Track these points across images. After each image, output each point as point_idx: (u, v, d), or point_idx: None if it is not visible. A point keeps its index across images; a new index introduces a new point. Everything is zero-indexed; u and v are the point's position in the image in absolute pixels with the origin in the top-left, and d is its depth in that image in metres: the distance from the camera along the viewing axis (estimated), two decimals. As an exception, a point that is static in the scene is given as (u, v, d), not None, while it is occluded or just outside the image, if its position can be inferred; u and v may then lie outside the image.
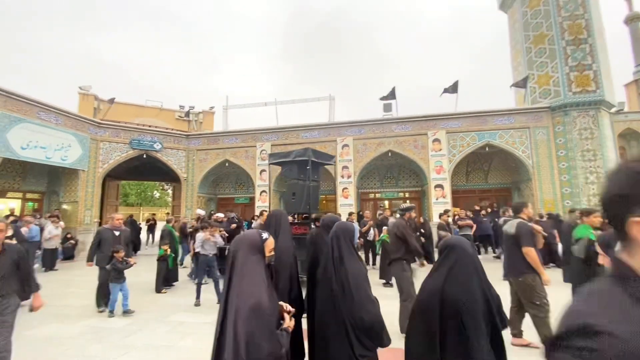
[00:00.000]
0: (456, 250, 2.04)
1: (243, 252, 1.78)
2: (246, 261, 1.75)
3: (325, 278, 2.38)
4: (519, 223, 4.07)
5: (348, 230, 2.47)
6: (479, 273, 2.00)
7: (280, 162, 8.55)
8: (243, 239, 1.88)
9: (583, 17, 13.54)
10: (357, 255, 2.44)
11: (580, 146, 12.81)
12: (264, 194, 15.34)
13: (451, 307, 1.88)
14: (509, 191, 15.67)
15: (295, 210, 7.67)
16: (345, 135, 15.28)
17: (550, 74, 13.69)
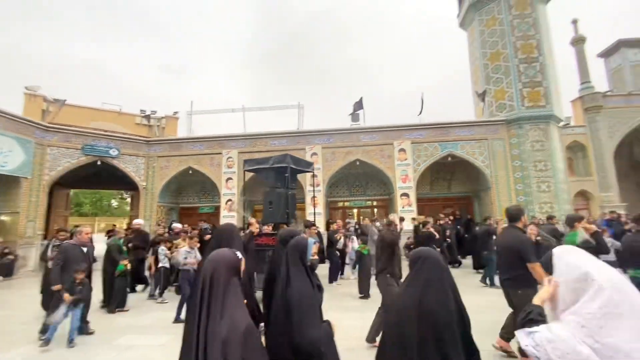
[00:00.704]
0: (430, 261, 2.00)
1: (223, 274, 1.61)
2: (228, 283, 1.60)
3: (276, 298, 2.24)
4: (522, 237, 3.85)
5: (298, 246, 2.34)
6: (452, 285, 1.98)
7: (257, 168, 8.14)
8: (221, 258, 1.68)
9: (534, 37, 14.62)
10: (307, 274, 2.29)
11: (533, 157, 13.68)
12: (230, 203, 14.81)
13: (429, 319, 1.84)
14: (470, 199, 16.37)
15: (273, 220, 7.33)
16: (314, 143, 15.23)
17: (506, 89, 14.59)
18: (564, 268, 1.36)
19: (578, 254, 1.39)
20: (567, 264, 1.36)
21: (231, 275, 1.63)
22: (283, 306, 2.12)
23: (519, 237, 3.83)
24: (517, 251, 3.73)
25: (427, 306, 1.85)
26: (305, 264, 2.32)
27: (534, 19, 14.72)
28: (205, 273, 1.63)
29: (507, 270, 3.91)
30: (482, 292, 7.66)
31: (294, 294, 2.11)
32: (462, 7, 17.09)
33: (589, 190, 16.92)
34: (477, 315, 5.32)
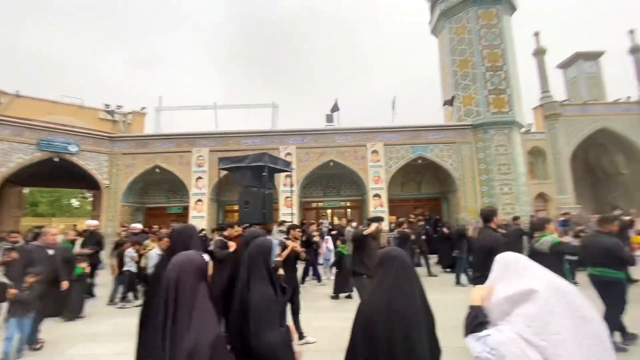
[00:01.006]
0: (398, 261, 1.98)
1: (189, 279, 1.47)
2: (195, 289, 1.46)
3: (235, 300, 2.17)
4: (495, 236, 3.97)
5: (262, 248, 2.26)
6: (419, 285, 1.98)
7: (233, 167, 7.83)
8: (187, 262, 1.54)
9: (500, 47, 15.35)
10: (269, 277, 2.22)
11: (497, 161, 14.35)
12: (199, 203, 14.35)
13: (397, 319, 1.82)
14: (439, 201, 16.91)
15: (249, 220, 7.12)
16: (288, 143, 15.11)
17: (473, 95, 15.22)
18: (506, 274, 1.38)
19: (519, 260, 1.42)
20: (509, 270, 1.38)
21: (198, 280, 1.50)
22: (241, 309, 2.05)
23: (492, 236, 3.95)
24: (489, 250, 3.78)
25: (396, 307, 1.85)
26: (268, 267, 2.25)
27: (499, 29, 15.46)
28: (170, 279, 1.48)
29: (480, 269, 3.95)
30: (451, 290, 7.84)
31: (253, 297, 2.04)
32: (434, 15, 17.63)
33: (547, 192, 18.02)
34: (444, 314, 5.51)
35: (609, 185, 20.97)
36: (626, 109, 19.17)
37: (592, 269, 4.30)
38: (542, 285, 1.24)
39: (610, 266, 4.11)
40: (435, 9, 17.22)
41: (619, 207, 19.64)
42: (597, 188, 21.77)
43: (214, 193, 15.03)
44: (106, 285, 7.70)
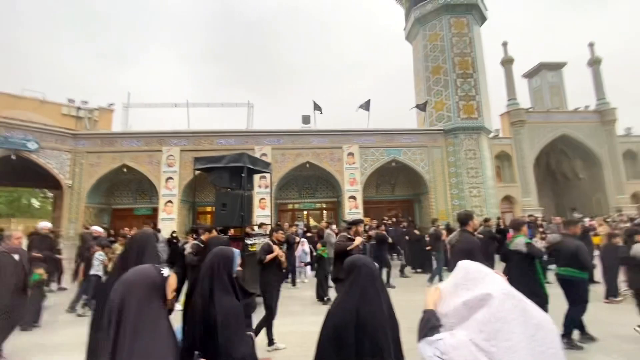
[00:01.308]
0: (365, 269, 1.99)
1: (136, 298, 1.26)
2: (142, 311, 1.25)
3: (191, 317, 2.06)
4: (471, 240, 4.08)
5: (224, 258, 2.18)
6: (384, 291, 1.99)
7: (209, 167, 7.45)
8: (135, 280, 1.32)
9: (470, 55, 15.96)
10: (232, 288, 2.15)
11: (466, 165, 14.89)
12: (169, 205, 13.88)
13: (366, 326, 1.83)
14: (412, 202, 17.32)
15: (226, 223, 6.87)
16: (263, 144, 14.94)
17: (444, 101, 15.72)
18: (467, 282, 1.40)
19: (480, 269, 1.45)
20: (469, 278, 1.40)
21: (148, 301, 1.28)
22: (205, 323, 1.95)
23: (468, 240, 4.04)
24: (466, 253, 3.87)
25: (364, 316, 1.86)
26: (231, 277, 2.18)
27: (470, 38, 16.08)
28: (113, 300, 1.27)
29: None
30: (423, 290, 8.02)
31: (220, 310, 1.96)
32: (409, 21, 18.07)
33: (513, 195, 18.92)
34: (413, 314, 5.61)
35: (568, 188, 22.33)
36: (584, 117, 20.51)
37: (559, 268, 4.56)
38: (498, 291, 1.27)
39: (575, 267, 4.36)
40: (410, 15, 17.65)
41: (577, 209, 20.99)
42: (558, 191, 23.13)
43: (185, 194, 14.59)
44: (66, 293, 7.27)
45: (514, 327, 1.18)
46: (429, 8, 16.56)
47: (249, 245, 6.65)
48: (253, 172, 7.85)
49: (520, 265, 4.23)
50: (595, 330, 4.41)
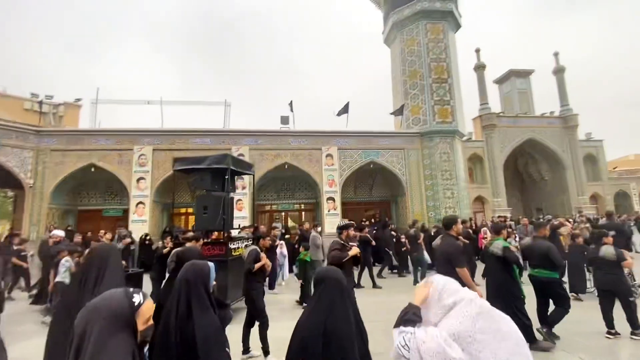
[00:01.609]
0: (333, 282, 2.00)
1: (99, 329, 1.14)
2: (103, 344, 1.12)
3: (165, 335, 1.94)
4: (454, 244, 4.16)
5: (199, 272, 2.09)
6: (353, 305, 2.02)
7: (191, 169, 7.12)
8: (98, 306, 1.21)
9: (445, 61, 16.44)
10: (211, 306, 2.07)
11: (441, 167, 15.35)
12: (141, 206, 13.35)
13: (334, 339, 1.84)
14: (389, 204, 17.65)
15: (207, 227, 6.61)
16: (241, 144, 14.68)
17: (420, 105, 16.12)
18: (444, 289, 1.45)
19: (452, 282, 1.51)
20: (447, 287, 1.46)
21: (112, 330, 1.15)
22: (182, 342, 1.88)
23: (451, 243, 4.13)
24: (448, 257, 4.01)
25: (332, 329, 1.87)
26: (209, 292, 2.09)
27: (445, 44, 16.56)
28: (76, 326, 1.16)
29: (440, 274, 4.15)
30: (399, 290, 8.13)
31: (200, 329, 1.89)
32: (387, 25, 18.36)
33: (484, 196, 19.72)
34: (388, 314, 5.67)
35: (535, 189, 23.57)
36: (550, 122, 21.71)
37: (532, 270, 4.77)
38: (473, 295, 1.39)
39: (546, 267, 4.58)
40: (389, 20, 17.93)
41: (542, 209, 22.19)
42: (525, 192, 24.36)
43: (158, 195, 14.09)
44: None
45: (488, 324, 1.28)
46: (406, 13, 16.90)
47: (232, 250, 6.50)
48: (235, 174, 7.66)
49: (497, 266, 4.40)
50: (560, 328, 4.62)
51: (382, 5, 19.76)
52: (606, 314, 4.62)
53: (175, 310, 1.97)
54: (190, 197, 16.32)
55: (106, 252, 2.49)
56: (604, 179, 22.34)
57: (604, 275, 4.76)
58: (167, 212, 15.67)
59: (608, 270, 4.68)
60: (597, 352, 4.22)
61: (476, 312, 1.30)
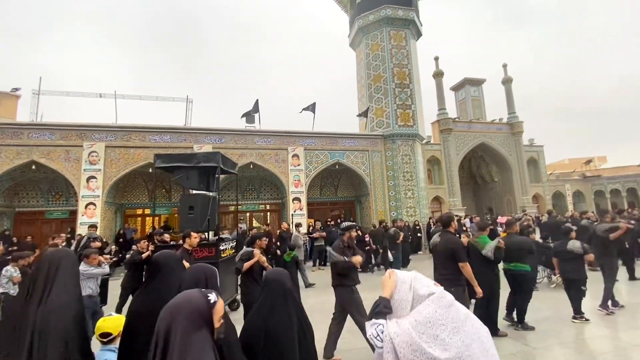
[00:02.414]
0: (275, 284, 2.05)
1: (182, 327, 1.17)
2: (188, 341, 1.16)
3: None
4: (456, 240, 4.33)
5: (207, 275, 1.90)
6: (296, 305, 2.07)
7: (176, 166, 6.68)
8: (180, 305, 1.23)
9: (407, 67, 17.16)
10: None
11: (402, 168, 16.01)
12: (91, 207, 12.34)
13: (273, 341, 1.88)
14: (353, 204, 18.06)
15: (192, 228, 6.25)
16: (203, 142, 14.15)
17: (384, 108, 16.69)
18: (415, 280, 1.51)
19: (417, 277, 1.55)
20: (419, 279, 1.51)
21: (194, 328, 1.20)
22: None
23: (453, 240, 4.28)
24: (451, 253, 4.14)
25: (272, 327, 1.91)
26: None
27: (407, 51, 17.29)
28: (159, 328, 1.18)
29: (441, 271, 4.31)
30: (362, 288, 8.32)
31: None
32: (353, 29, 18.74)
33: (441, 196, 20.89)
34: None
35: (485, 190, 25.46)
36: (499, 128, 23.54)
37: (508, 265, 5.12)
38: (441, 289, 1.47)
39: (520, 261, 4.98)
40: (354, 24, 18.32)
41: (492, 208, 24.03)
42: (477, 192, 26.21)
43: (111, 195, 13.13)
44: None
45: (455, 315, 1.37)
46: (371, 19, 17.39)
47: (222, 251, 6.28)
48: (222, 173, 7.31)
49: (483, 263, 4.70)
50: (530, 316, 5.11)
51: (348, 9, 20.13)
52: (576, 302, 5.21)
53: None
54: (148, 197, 15.44)
55: (57, 259, 2.26)
56: (544, 181, 24.73)
57: (568, 265, 5.30)
58: (120, 213, 14.66)
59: (572, 261, 5.24)
60: (567, 335, 4.76)
61: (449, 304, 1.39)
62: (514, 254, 5.00)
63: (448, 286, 4.13)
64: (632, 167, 31.72)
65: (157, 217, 16.49)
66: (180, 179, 6.65)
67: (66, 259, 2.33)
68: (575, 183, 27.20)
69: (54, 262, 2.24)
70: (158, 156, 6.80)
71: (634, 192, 26.73)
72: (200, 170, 6.61)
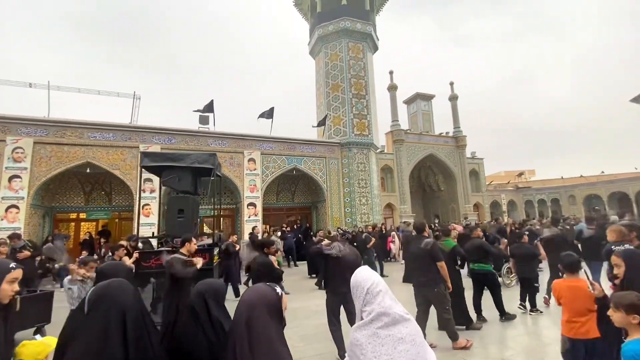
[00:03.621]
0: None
1: (264, 318, 1.32)
2: (269, 330, 1.32)
3: None
4: (433, 242, 4.73)
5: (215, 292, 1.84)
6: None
7: (167, 166, 6.08)
8: (257, 298, 1.38)
9: (364, 78, 17.83)
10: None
11: (357, 176, 16.49)
12: (13, 210, 10.83)
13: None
14: (310, 209, 18.12)
15: (180, 232, 5.63)
16: (151, 142, 13.26)
17: (341, 117, 17.12)
18: (360, 281, 1.55)
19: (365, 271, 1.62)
20: (377, 278, 1.56)
21: (272, 319, 1.36)
22: None
23: (431, 243, 4.71)
24: (430, 255, 4.56)
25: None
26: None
27: (364, 63, 17.99)
28: (239, 321, 1.32)
29: (423, 273, 4.63)
30: (315, 296, 8.29)
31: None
32: (313, 37, 19.06)
33: (393, 203, 21.84)
34: (305, 320, 5.75)
35: (433, 198, 27.18)
36: (445, 141, 25.38)
37: (473, 264, 5.73)
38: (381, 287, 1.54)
39: (482, 261, 5.57)
40: (314, 32, 18.64)
41: (439, 216, 25.67)
42: (425, 200, 27.88)
43: (38, 197, 11.69)
44: None
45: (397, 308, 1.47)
46: (330, 29, 17.84)
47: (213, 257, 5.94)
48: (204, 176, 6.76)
49: (449, 263, 5.08)
50: (489, 312, 5.65)
51: (309, 17, 20.45)
52: (524, 295, 5.97)
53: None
54: (84, 200, 14.03)
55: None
56: (483, 191, 27.08)
57: (522, 266, 5.99)
58: (50, 218, 13.10)
59: (525, 262, 5.97)
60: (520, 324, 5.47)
61: (394, 299, 1.50)
62: (477, 255, 5.66)
63: (432, 287, 4.55)
64: (555, 180, 36.11)
65: (95, 222, 15.02)
66: (170, 180, 6.12)
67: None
68: (510, 193, 30.19)
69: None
70: (145, 154, 6.27)
71: (557, 202, 30.39)
72: (194, 172, 6.28)
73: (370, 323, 1.42)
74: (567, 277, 3.09)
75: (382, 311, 1.42)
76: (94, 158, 12.32)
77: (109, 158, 12.57)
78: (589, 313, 2.79)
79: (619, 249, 2.90)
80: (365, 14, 18.38)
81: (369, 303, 1.46)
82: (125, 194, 14.59)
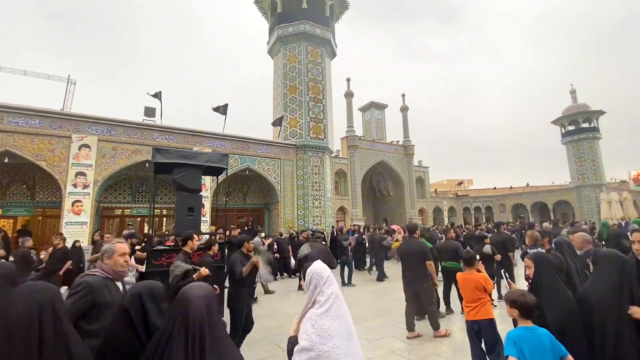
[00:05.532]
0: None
1: (214, 312, 1.36)
2: (218, 323, 1.38)
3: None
4: (422, 244, 5.37)
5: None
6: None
7: (178, 163, 5.68)
8: (206, 294, 1.39)
9: (321, 82, 18.05)
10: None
11: (311, 179, 16.60)
12: None
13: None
14: (262, 211, 17.80)
15: (191, 230, 5.07)
16: (86, 132, 12.01)
17: (298, 119, 17.13)
18: (314, 276, 1.77)
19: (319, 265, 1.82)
20: (320, 268, 1.80)
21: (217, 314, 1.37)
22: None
23: (420, 244, 5.34)
24: (420, 254, 5.12)
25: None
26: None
27: (322, 68, 18.24)
28: (195, 316, 1.27)
29: (413, 270, 5.17)
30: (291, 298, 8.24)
31: None
32: (272, 37, 18.86)
33: (345, 206, 22.38)
34: (262, 321, 5.67)
35: (383, 203, 28.40)
36: (395, 149, 26.71)
37: (445, 262, 6.23)
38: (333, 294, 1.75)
39: (454, 260, 6.05)
40: (274, 32, 18.46)
41: (387, 219, 26.85)
42: (376, 204, 29.02)
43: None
44: None
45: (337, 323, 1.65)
46: (290, 31, 17.81)
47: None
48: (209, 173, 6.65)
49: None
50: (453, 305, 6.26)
51: (268, 17, 20.20)
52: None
53: None
54: (29, 197, 12.26)
55: None
56: (428, 197, 28.97)
57: (483, 264, 6.67)
58: None
59: (486, 261, 6.46)
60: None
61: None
62: (450, 254, 6.24)
63: (421, 283, 5.05)
64: (489, 189, 39.89)
65: (13, 219, 13.15)
66: (182, 178, 5.75)
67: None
68: (450, 200, 32.68)
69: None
70: (158, 150, 5.76)
71: (490, 210, 33.57)
72: (205, 170, 6.24)
73: (331, 306, 1.68)
74: (465, 270, 3.85)
75: (337, 294, 1.72)
76: (14, 146, 10.80)
77: (34, 147, 11.10)
78: (478, 300, 3.54)
79: (531, 253, 3.29)
80: (324, 20, 18.67)
81: (328, 288, 1.72)
82: (51, 188, 13.04)
